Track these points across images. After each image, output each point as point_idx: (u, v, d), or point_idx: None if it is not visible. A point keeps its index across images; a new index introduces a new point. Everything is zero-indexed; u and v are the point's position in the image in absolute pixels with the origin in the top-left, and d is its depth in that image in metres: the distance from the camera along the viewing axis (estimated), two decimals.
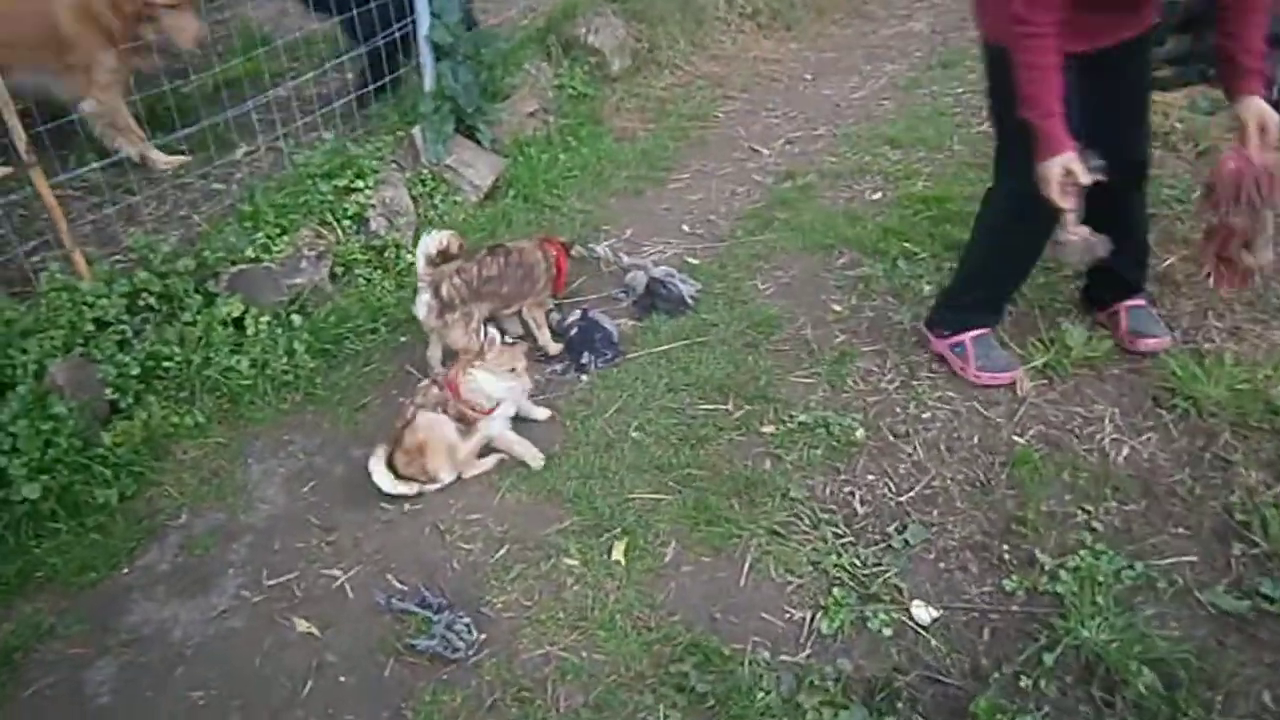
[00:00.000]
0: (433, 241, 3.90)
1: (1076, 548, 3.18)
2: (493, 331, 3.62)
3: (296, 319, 4.33)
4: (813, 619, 3.07)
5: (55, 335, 3.87)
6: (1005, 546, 3.24)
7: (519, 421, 3.83)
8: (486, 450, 3.73)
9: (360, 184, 4.89)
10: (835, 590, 3.13)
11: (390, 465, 3.58)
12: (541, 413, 3.91)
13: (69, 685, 3.07)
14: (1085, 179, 3.20)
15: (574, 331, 4.26)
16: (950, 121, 5.97)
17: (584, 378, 4.14)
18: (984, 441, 3.67)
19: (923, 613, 3.06)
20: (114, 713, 2.98)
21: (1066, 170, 3.19)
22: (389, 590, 3.29)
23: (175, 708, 2.98)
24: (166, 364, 4.03)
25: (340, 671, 3.05)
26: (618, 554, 3.32)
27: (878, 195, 5.31)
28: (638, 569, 3.27)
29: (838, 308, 4.44)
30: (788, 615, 3.10)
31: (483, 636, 3.08)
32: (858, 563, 3.23)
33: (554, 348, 4.25)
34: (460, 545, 3.43)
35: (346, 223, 4.80)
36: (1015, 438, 3.67)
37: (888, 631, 3.00)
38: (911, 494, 3.48)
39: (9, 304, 3.92)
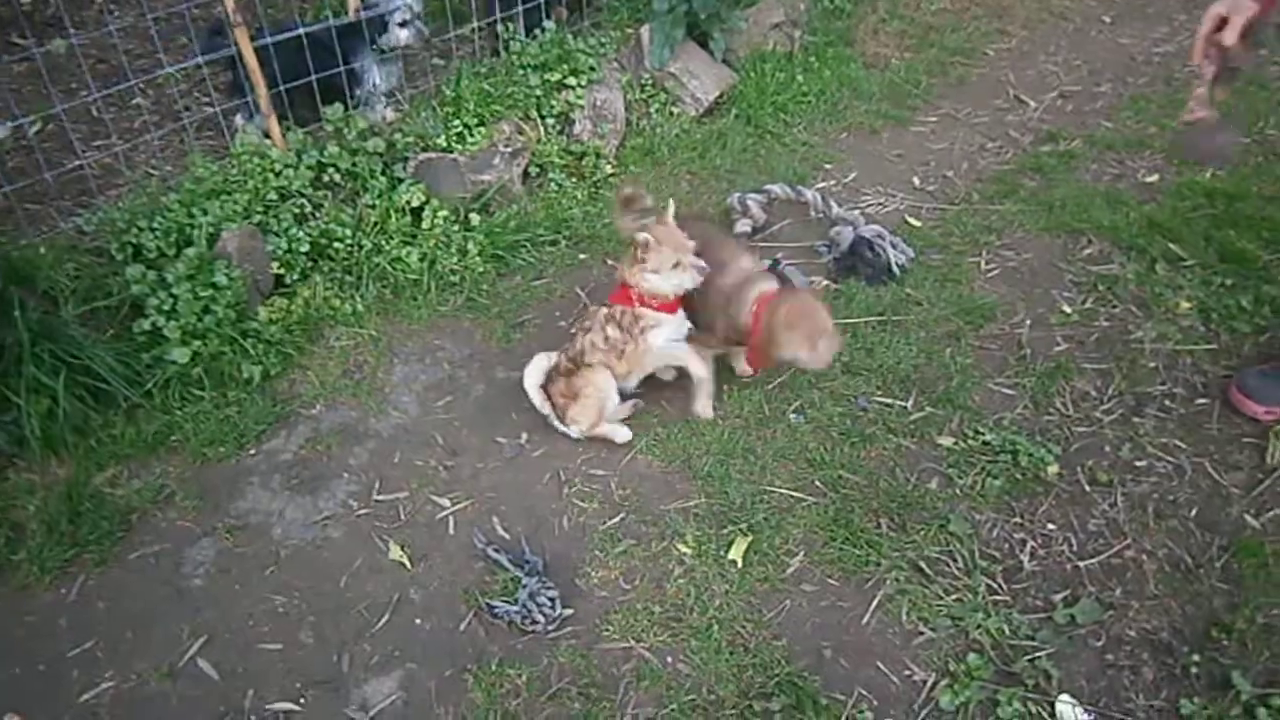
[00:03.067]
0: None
1: None
2: (644, 235, 3.09)
3: (475, 218, 4.14)
4: (934, 685, 2.64)
5: (238, 199, 3.84)
6: (1196, 657, 2.65)
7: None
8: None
9: (573, 81, 4.59)
10: (971, 657, 2.67)
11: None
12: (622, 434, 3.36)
13: (170, 559, 3.09)
14: (1229, 38, 2.63)
15: None
16: (1270, 98, 4.96)
17: None
18: (1205, 514, 3.03)
19: (1069, 712, 2.55)
20: (201, 597, 2.97)
21: (1221, 18, 2.64)
22: (490, 535, 3.09)
23: (255, 608, 2.94)
24: (337, 244, 3.94)
25: (418, 613, 2.90)
26: (736, 553, 2.97)
27: (1153, 178, 4.49)
28: (753, 575, 2.92)
29: (1067, 309, 3.79)
30: (907, 673, 2.68)
31: (568, 612, 2.85)
32: (1006, 629, 2.74)
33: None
34: (576, 501, 3.18)
35: (550, 121, 4.53)
36: (1248, 517, 3.01)
37: None
38: (1095, 560, 2.92)
39: (204, 163, 3.91)
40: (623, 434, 3.32)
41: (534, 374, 3.33)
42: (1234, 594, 2.80)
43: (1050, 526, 3.03)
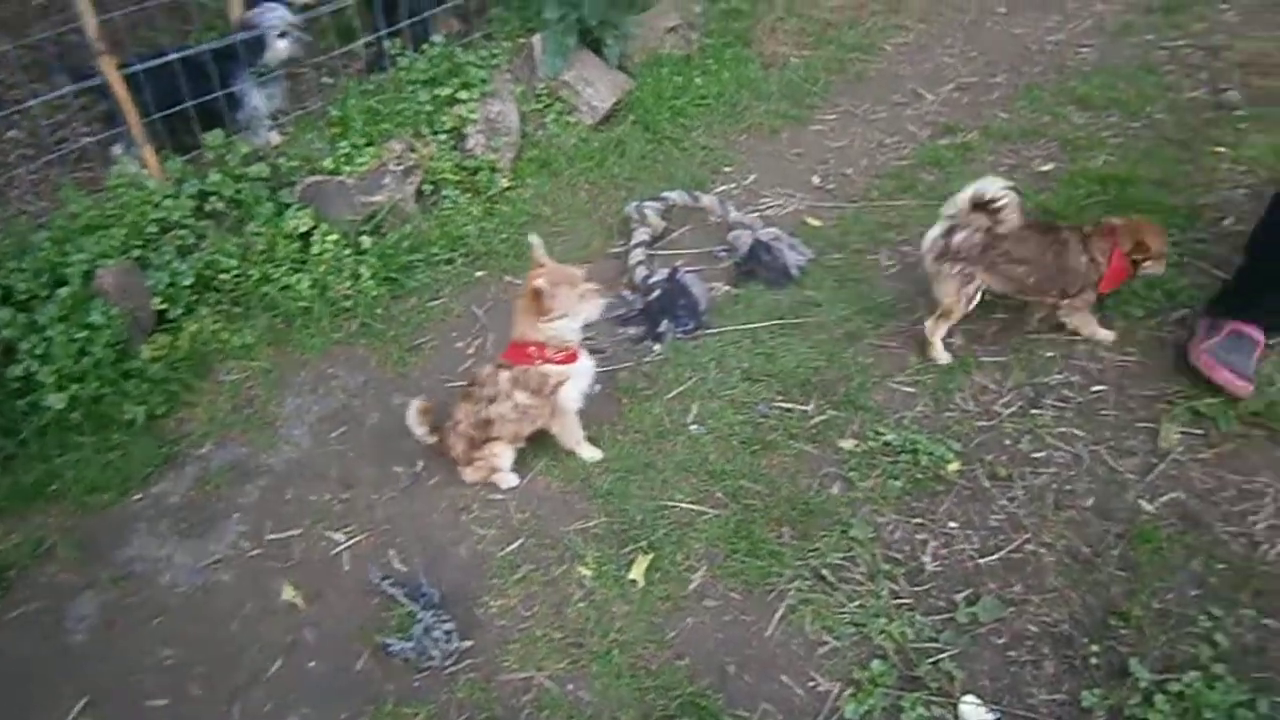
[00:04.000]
0: (988, 187, 3.26)
1: (1187, 664, 2.58)
2: (540, 282, 2.88)
3: (367, 240, 4.03)
4: (839, 695, 2.60)
5: (115, 234, 3.71)
6: (1096, 647, 2.65)
7: None
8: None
9: (465, 95, 4.51)
10: (875, 664, 2.64)
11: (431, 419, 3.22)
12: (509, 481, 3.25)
13: (51, 616, 2.96)
14: None
15: (656, 294, 3.79)
16: (1158, 82, 5.03)
17: (657, 348, 3.69)
18: (1102, 502, 3.03)
19: (972, 713, 2.53)
20: (84, 653, 2.85)
21: None
22: (386, 569, 3.00)
23: (142, 661, 2.82)
24: (223, 275, 3.82)
25: (313, 655, 2.81)
26: (636, 572, 2.91)
27: (1048, 167, 4.52)
28: (655, 594, 2.86)
29: None
30: (812, 684, 2.64)
31: (467, 644, 2.77)
32: (909, 633, 2.71)
33: (1106, 336, 3.56)
34: (474, 529, 3.10)
35: (443, 137, 4.44)
36: (1144, 503, 3.02)
37: None
38: (996, 556, 2.91)
39: (77, 197, 3.77)
40: (509, 480, 3.22)
41: (416, 426, 3.20)
42: (1131, 581, 2.81)
43: (952, 525, 3.01)
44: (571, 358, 3.07)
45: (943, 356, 3.53)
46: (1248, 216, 3.96)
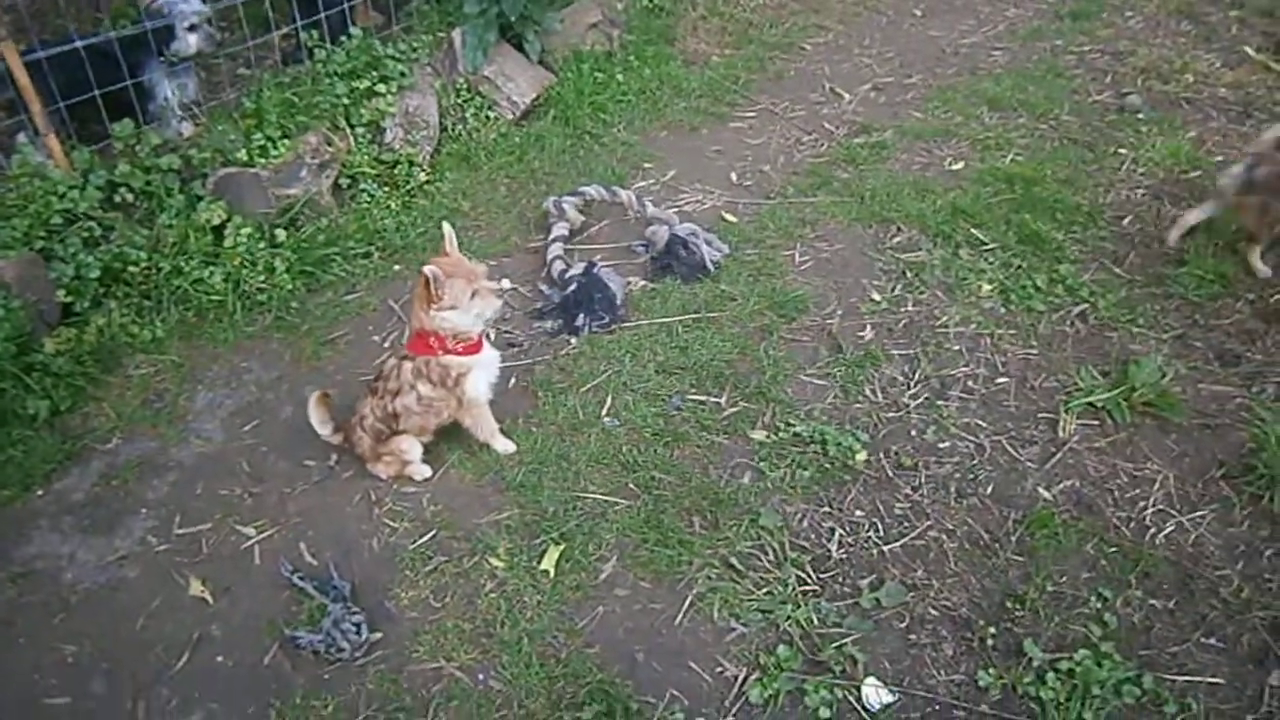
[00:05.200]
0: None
1: (1077, 644, 2.68)
2: (431, 269, 2.85)
3: (281, 234, 3.99)
4: (745, 681, 2.65)
5: (17, 225, 3.62)
6: (992, 629, 2.74)
7: None
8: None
9: (383, 88, 4.48)
10: (780, 649, 2.69)
11: (331, 409, 3.22)
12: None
13: None
14: None
15: (573, 288, 3.81)
16: (1065, 85, 5.19)
17: (573, 342, 3.70)
18: (1002, 490, 3.13)
19: (873, 695, 2.60)
20: None
21: None
22: (296, 563, 2.98)
23: (43, 659, 2.76)
24: (133, 268, 3.75)
25: (220, 649, 2.78)
26: (548, 562, 2.93)
27: (959, 165, 4.63)
28: (566, 584, 2.89)
29: (876, 297, 3.88)
30: (719, 670, 2.68)
31: (376, 636, 2.76)
32: (815, 619, 2.77)
33: None
34: (386, 521, 3.09)
35: (360, 130, 4.41)
36: (1041, 490, 3.12)
37: (825, 714, 2.56)
38: (900, 543, 2.99)
39: None
40: (423, 472, 3.22)
41: (319, 424, 3.19)
42: (1027, 565, 2.90)
43: (858, 513, 3.08)
44: (474, 349, 3.06)
45: (1262, 270, 3.87)
46: (1146, 216, 4.12)
